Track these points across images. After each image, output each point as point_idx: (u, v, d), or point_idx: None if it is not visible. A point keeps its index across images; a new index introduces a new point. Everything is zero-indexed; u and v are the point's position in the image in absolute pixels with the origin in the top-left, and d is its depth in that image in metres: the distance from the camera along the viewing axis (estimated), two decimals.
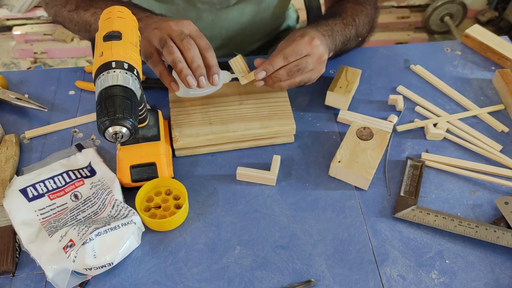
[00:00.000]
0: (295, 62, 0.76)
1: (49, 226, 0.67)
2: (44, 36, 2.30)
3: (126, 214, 0.67)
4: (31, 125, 0.84)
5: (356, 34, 0.88)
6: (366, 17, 0.90)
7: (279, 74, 0.76)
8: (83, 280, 0.64)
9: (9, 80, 0.91)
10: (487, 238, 0.69)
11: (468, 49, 1.02)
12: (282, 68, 0.76)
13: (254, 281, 0.65)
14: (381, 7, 2.47)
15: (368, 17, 0.90)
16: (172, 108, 0.81)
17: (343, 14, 0.87)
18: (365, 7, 0.90)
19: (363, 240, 0.70)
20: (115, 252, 0.64)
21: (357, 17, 0.87)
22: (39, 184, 0.73)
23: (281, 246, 0.69)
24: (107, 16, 0.67)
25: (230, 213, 0.73)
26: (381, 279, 0.66)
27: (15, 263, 0.66)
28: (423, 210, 0.72)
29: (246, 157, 0.80)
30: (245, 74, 0.79)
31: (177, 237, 0.70)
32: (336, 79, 0.87)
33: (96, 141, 0.82)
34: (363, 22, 0.89)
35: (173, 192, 0.74)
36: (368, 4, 0.91)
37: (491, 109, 0.89)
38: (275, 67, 0.75)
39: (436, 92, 0.93)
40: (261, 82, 0.78)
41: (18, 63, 2.25)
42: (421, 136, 0.85)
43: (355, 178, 0.75)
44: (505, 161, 0.80)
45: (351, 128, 0.81)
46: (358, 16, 0.88)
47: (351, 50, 0.94)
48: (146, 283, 0.65)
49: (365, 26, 0.90)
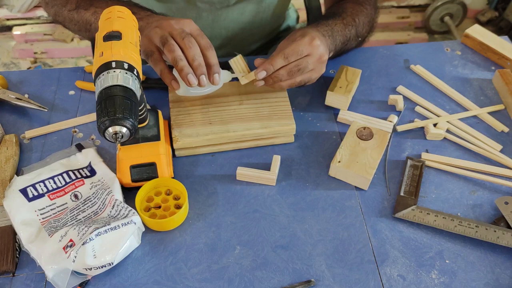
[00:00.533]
0: (295, 62, 0.76)
1: (49, 226, 0.67)
2: (44, 36, 2.30)
3: (126, 214, 0.67)
4: (31, 125, 0.84)
5: (356, 34, 0.88)
6: (366, 17, 0.90)
7: (279, 74, 0.76)
8: (83, 280, 0.64)
9: (9, 80, 0.91)
10: (487, 238, 0.69)
11: (468, 49, 1.02)
12: (282, 68, 0.76)
13: (254, 281, 0.65)
14: (381, 7, 2.47)
15: (368, 17, 0.90)
16: (172, 108, 0.81)
17: (343, 14, 0.87)
18: (365, 7, 0.90)
19: (363, 240, 0.70)
20: (115, 252, 0.64)
21: (357, 17, 0.88)
22: (39, 184, 0.73)
23: (281, 246, 0.69)
24: (107, 16, 0.67)
25: (230, 213, 0.73)
26: (381, 279, 0.66)
27: (15, 263, 0.66)
28: (423, 210, 0.72)
29: (246, 157, 0.80)
30: (245, 74, 0.79)
31: (177, 237, 0.70)
32: (336, 79, 0.87)
33: (96, 141, 0.82)
34: (363, 22, 0.89)
35: (173, 192, 0.74)
36: (368, 4, 0.91)
37: (491, 109, 0.89)
38: (276, 67, 0.75)
39: (436, 92, 0.93)
40: (261, 82, 0.78)
41: (18, 63, 2.25)
42: (421, 136, 0.85)
43: (355, 178, 0.75)
44: (505, 161, 0.80)
45: (351, 128, 0.81)
46: (358, 16, 0.88)
47: (351, 50, 0.94)
48: (146, 283, 0.65)
49: (365, 26, 0.90)
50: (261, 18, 1.02)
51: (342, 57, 0.96)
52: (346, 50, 0.92)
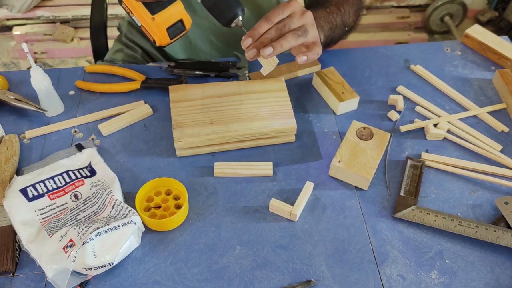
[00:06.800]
0: (281, 22, 0.74)
1: (49, 226, 0.67)
2: (44, 36, 2.30)
3: (126, 214, 0.67)
4: (31, 125, 0.84)
5: (342, 23, 0.89)
6: (351, 7, 0.91)
7: (268, 34, 0.73)
8: (83, 280, 0.64)
9: (9, 80, 0.91)
10: (487, 238, 0.69)
11: (468, 49, 1.02)
12: (270, 29, 0.74)
13: (254, 281, 0.65)
14: (381, 7, 2.48)
15: (354, 6, 0.92)
16: (173, 108, 0.81)
17: (327, 4, 0.88)
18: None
19: (363, 240, 0.70)
20: (115, 252, 0.64)
21: (341, 7, 0.89)
22: (39, 184, 0.73)
23: (281, 246, 0.69)
24: None
25: (230, 213, 0.73)
26: (381, 279, 0.66)
27: (15, 263, 0.66)
28: (423, 210, 0.72)
29: (246, 157, 0.80)
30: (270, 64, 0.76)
31: (177, 237, 0.70)
32: (331, 89, 0.87)
33: (96, 141, 0.82)
34: (349, 11, 0.90)
35: (173, 192, 0.74)
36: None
37: (491, 109, 0.89)
38: (260, 30, 0.73)
39: (436, 92, 0.93)
40: (252, 52, 0.73)
41: (18, 63, 2.25)
42: (421, 136, 0.85)
43: (355, 178, 0.75)
44: (505, 161, 0.80)
45: (351, 128, 0.81)
46: (343, 6, 0.89)
47: (339, 40, 0.94)
48: (146, 283, 0.65)
49: (351, 15, 0.91)
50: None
51: (340, 58, 0.96)
52: (335, 38, 0.91)
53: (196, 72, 0.92)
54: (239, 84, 0.84)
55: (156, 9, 0.70)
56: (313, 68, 0.95)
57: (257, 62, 0.77)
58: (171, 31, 0.73)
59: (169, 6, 0.71)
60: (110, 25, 1.22)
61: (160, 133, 0.84)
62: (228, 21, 0.72)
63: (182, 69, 0.93)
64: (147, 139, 0.83)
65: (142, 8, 0.71)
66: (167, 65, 0.93)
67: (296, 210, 0.71)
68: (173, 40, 0.74)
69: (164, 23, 0.72)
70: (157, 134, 0.84)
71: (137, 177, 0.77)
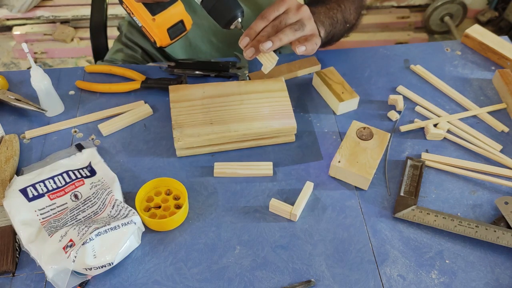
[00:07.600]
0: (277, 19, 0.74)
1: (49, 226, 0.67)
2: (44, 36, 2.30)
3: (126, 214, 0.67)
4: (31, 125, 0.84)
5: (343, 19, 0.88)
6: (352, 4, 0.91)
7: (264, 31, 0.73)
8: (83, 280, 0.64)
9: (9, 80, 0.91)
10: (487, 238, 0.69)
11: (468, 49, 1.02)
12: (266, 27, 0.73)
13: (254, 281, 0.65)
14: (381, 7, 2.48)
15: (355, 4, 0.91)
16: (173, 108, 0.81)
17: (327, 0, 0.88)
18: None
19: (363, 240, 0.70)
20: (115, 252, 0.64)
21: (342, 3, 0.89)
22: (39, 184, 0.73)
23: (281, 246, 0.69)
24: None
25: (230, 213, 0.73)
26: (381, 279, 0.66)
27: (15, 263, 0.66)
28: (423, 210, 0.72)
29: (246, 157, 0.80)
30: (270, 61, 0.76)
31: (177, 237, 0.70)
32: (331, 89, 0.87)
33: (96, 141, 0.82)
34: (349, 8, 0.90)
35: (173, 192, 0.74)
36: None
37: (491, 109, 0.89)
38: (257, 29, 0.73)
39: (436, 92, 0.93)
40: (250, 51, 0.73)
41: (18, 63, 2.25)
42: (421, 136, 0.85)
43: (355, 178, 0.75)
44: (505, 161, 0.80)
45: (351, 128, 0.81)
46: (343, 3, 0.89)
47: (341, 37, 0.93)
48: (146, 283, 0.65)
49: (353, 12, 0.91)
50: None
51: (340, 58, 0.96)
52: (336, 34, 0.90)
53: (196, 72, 0.92)
54: (239, 84, 0.84)
55: (156, 10, 0.70)
56: (313, 68, 0.95)
57: (257, 62, 0.77)
58: (171, 31, 0.73)
59: (169, 7, 0.71)
60: (110, 25, 1.22)
61: (160, 133, 0.84)
62: (227, 23, 0.72)
63: (182, 69, 0.93)
64: (147, 139, 0.83)
65: (143, 9, 0.71)
66: (167, 65, 0.93)
67: (296, 210, 0.71)
68: (174, 41, 0.74)
69: (165, 24, 0.72)
70: (157, 134, 0.84)
71: (137, 177, 0.77)
